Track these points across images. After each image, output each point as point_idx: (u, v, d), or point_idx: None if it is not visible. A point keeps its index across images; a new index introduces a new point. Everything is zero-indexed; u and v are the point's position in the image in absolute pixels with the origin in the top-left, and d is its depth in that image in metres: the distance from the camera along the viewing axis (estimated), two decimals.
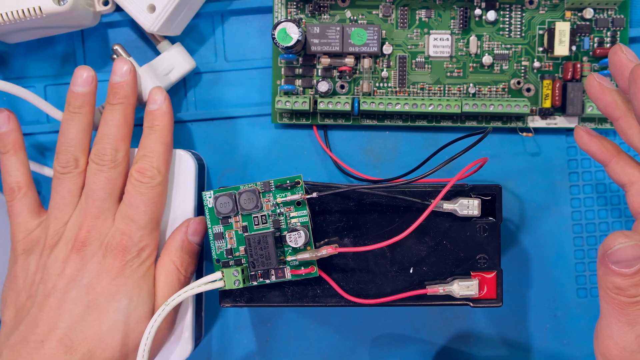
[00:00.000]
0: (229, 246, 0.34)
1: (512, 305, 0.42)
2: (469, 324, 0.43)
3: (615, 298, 0.29)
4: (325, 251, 0.33)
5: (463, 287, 0.34)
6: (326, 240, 0.35)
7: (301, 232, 0.33)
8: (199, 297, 0.41)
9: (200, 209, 0.40)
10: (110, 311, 0.34)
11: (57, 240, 0.36)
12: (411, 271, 0.35)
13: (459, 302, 0.35)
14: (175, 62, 0.41)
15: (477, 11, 0.40)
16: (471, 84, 0.41)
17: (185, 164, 0.39)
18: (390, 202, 0.35)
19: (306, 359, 0.43)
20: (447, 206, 0.34)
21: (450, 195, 0.34)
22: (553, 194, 0.42)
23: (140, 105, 0.39)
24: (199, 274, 0.41)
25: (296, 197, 0.33)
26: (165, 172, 0.37)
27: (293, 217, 0.34)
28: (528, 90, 0.41)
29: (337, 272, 0.35)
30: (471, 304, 0.35)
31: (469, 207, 0.34)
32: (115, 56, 0.40)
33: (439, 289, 0.34)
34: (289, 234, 0.33)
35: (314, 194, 0.33)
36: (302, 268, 0.34)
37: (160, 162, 0.37)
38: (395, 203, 0.35)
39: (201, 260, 0.41)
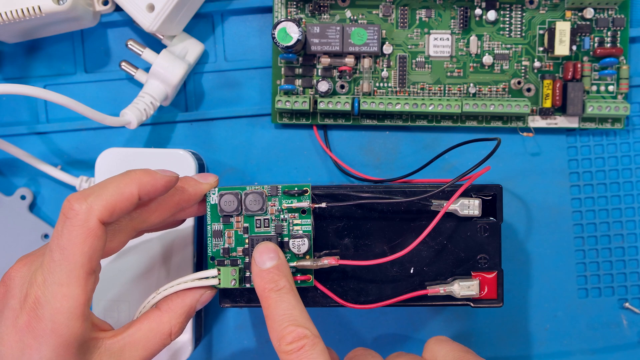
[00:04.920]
0: (226, 245, 0.34)
1: (512, 306, 0.42)
2: (470, 324, 0.42)
3: None
4: (327, 261, 0.33)
5: (464, 287, 0.34)
6: (326, 251, 0.35)
7: (305, 239, 0.33)
8: None
9: None
10: None
11: None
12: (412, 271, 0.35)
13: (459, 303, 0.34)
14: (187, 44, 0.41)
15: (478, 11, 0.40)
16: (471, 84, 0.41)
17: (185, 164, 0.39)
18: (391, 203, 0.35)
19: None
20: None
21: (451, 196, 0.34)
22: (553, 194, 0.42)
23: (169, 89, 0.40)
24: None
25: (303, 204, 0.33)
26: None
27: (296, 225, 0.34)
28: (528, 90, 0.41)
29: (337, 271, 0.35)
30: (472, 304, 0.34)
31: (469, 207, 0.34)
32: (126, 63, 0.41)
33: (440, 289, 0.34)
34: (293, 240, 0.33)
35: (323, 204, 0.33)
36: (299, 275, 0.34)
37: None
38: (396, 203, 0.35)
39: (201, 257, 0.41)
